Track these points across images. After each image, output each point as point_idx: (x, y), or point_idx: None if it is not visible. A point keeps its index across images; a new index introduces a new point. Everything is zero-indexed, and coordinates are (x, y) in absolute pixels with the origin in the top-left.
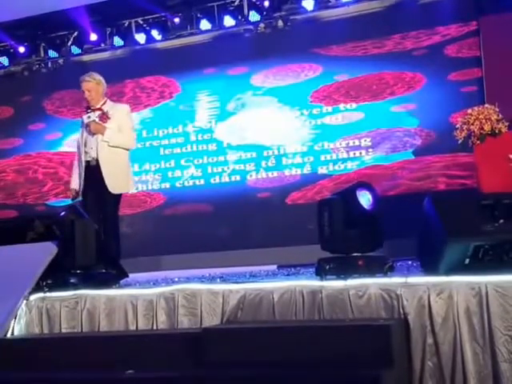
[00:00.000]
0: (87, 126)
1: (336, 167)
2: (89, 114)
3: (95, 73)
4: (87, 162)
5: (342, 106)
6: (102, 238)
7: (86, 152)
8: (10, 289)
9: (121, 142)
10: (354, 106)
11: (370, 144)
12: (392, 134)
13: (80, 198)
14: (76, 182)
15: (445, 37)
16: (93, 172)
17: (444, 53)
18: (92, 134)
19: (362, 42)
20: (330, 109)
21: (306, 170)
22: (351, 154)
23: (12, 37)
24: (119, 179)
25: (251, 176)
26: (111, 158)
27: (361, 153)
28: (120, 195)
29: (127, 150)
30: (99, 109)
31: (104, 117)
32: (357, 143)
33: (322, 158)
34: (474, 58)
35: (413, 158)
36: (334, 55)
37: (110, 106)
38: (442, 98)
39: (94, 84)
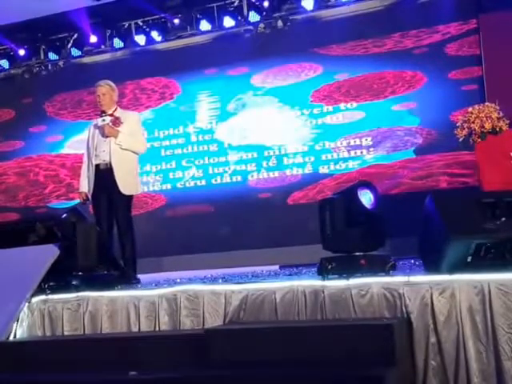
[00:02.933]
0: (101, 128)
1: (337, 166)
2: (103, 118)
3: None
4: (97, 165)
5: (342, 106)
6: (115, 239)
7: (96, 155)
8: (12, 291)
9: (132, 146)
10: (355, 105)
11: (371, 143)
12: (393, 133)
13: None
14: (85, 185)
15: (445, 35)
16: (104, 174)
17: (444, 51)
18: (105, 136)
19: (362, 41)
20: (330, 108)
21: (307, 169)
22: (352, 154)
23: (12, 39)
24: (130, 181)
25: (252, 176)
26: (123, 161)
27: (362, 152)
28: (131, 196)
29: (137, 154)
30: (111, 114)
31: (117, 121)
32: (358, 142)
33: (323, 157)
34: (474, 57)
35: (414, 156)
36: (334, 55)
37: (120, 113)
38: (443, 96)
39: (109, 89)
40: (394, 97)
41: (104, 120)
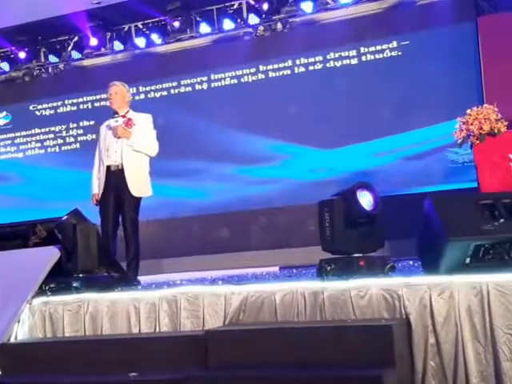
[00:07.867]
0: (113, 129)
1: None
2: (116, 119)
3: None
4: (108, 166)
5: None
6: (116, 241)
7: (108, 156)
8: (13, 293)
9: (144, 148)
10: None
11: None
12: None
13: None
14: (97, 186)
15: (444, 37)
16: (114, 176)
17: (443, 52)
18: (117, 137)
19: (360, 43)
20: None
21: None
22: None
23: (12, 42)
24: (141, 183)
25: (253, 177)
26: (134, 162)
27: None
28: (140, 198)
29: (149, 155)
30: (123, 116)
31: (129, 123)
32: None
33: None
34: (472, 58)
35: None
36: (333, 57)
37: (133, 114)
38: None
39: (122, 89)
40: None
41: (117, 121)
